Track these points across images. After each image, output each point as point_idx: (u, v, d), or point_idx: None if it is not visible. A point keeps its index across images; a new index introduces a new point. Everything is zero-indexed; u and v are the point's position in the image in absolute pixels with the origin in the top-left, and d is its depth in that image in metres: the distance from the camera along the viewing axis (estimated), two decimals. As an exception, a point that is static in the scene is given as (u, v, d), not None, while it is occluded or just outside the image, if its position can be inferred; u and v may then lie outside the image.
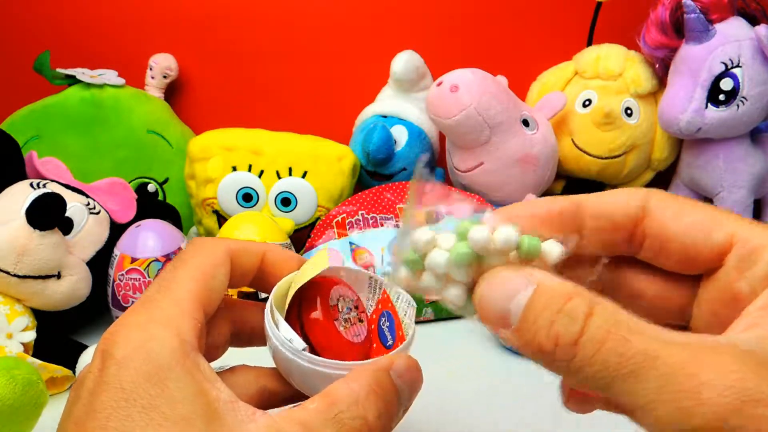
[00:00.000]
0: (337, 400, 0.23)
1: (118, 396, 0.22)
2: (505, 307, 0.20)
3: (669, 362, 0.17)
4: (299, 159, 0.63)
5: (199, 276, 0.26)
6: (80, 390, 0.24)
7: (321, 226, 0.61)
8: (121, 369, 0.23)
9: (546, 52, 0.74)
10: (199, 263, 0.27)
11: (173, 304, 0.25)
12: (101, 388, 0.22)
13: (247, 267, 0.29)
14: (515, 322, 0.20)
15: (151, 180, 0.69)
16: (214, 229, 0.65)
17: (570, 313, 0.19)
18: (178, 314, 0.25)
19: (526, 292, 0.20)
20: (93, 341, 0.49)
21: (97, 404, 0.22)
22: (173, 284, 0.26)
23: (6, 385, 0.34)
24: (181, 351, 0.23)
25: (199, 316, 0.25)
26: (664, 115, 0.63)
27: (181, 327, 0.24)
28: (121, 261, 0.53)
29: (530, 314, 0.19)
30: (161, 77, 0.73)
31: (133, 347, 0.23)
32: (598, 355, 0.18)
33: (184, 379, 0.23)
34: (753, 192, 0.64)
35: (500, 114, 0.60)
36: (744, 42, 0.59)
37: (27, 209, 0.47)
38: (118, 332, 0.24)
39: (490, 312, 0.21)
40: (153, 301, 0.25)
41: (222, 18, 0.75)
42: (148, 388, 0.22)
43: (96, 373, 0.23)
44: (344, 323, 0.28)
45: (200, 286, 0.26)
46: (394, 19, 0.75)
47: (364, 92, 0.73)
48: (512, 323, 0.20)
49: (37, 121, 0.67)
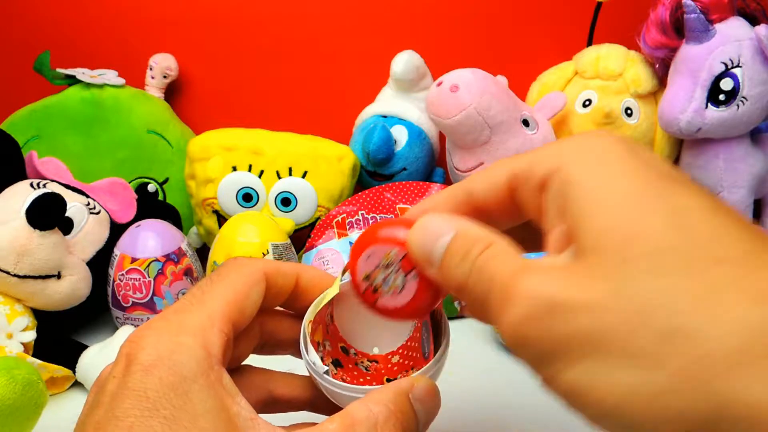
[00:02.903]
0: (356, 423, 0.23)
1: (142, 405, 0.22)
2: (429, 248, 0.24)
3: (503, 280, 0.21)
4: (299, 159, 0.63)
5: (233, 293, 0.27)
6: (102, 393, 0.24)
7: (321, 226, 0.61)
8: (147, 376, 0.23)
9: (546, 52, 0.74)
10: (234, 280, 0.27)
11: (204, 316, 0.25)
12: (124, 393, 0.22)
13: (281, 288, 0.29)
14: (437, 262, 0.23)
15: (151, 180, 0.69)
16: (214, 229, 0.65)
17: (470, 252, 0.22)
18: (208, 326, 0.25)
19: (446, 237, 0.23)
20: (93, 341, 0.49)
21: (119, 410, 0.22)
22: (207, 297, 0.26)
23: (6, 385, 0.34)
24: (206, 363, 0.23)
25: (228, 331, 0.25)
26: (664, 115, 0.63)
27: (209, 339, 0.24)
28: (121, 261, 0.53)
29: (448, 256, 0.23)
30: (161, 77, 0.73)
31: (160, 355, 0.23)
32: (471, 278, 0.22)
33: (207, 392, 0.23)
34: (753, 192, 0.64)
35: (500, 114, 0.60)
36: (744, 42, 0.59)
37: (27, 209, 0.47)
38: (146, 337, 0.24)
39: (418, 253, 0.24)
40: (184, 311, 0.26)
41: (222, 18, 0.75)
42: (171, 399, 0.22)
43: (120, 378, 0.23)
44: (387, 293, 0.27)
45: (233, 302, 0.26)
46: (394, 19, 0.75)
47: (364, 92, 0.73)
48: (435, 264, 0.23)
49: (37, 121, 0.67)
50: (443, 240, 0.23)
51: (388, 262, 0.26)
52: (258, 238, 0.54)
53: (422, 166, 0.69)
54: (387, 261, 0.26)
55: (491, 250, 0.22)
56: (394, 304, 0.26)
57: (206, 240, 0.67)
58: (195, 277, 0.55)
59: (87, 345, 0.49)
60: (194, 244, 0.68)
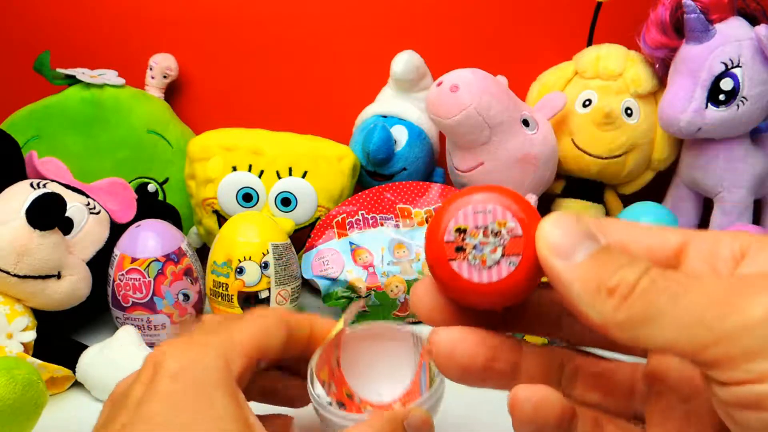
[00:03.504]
0: None
1: (169, 406, 0.24)
2: (571, 249, 0.20)
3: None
4: (299, 159, 0.63)
5: (257, 329, 0.29)
6: (125, 400, 0.26)
7: (321, 226, 0.61)
8: (174, 382, 0.25)
9: (546, 52, 0.74)
10: (258, 320, 0.30)
11: (228, 340, 0.28)
12: (151, 397, 0.25)
13: (301, 335, 0.32)
14: (578, 256, 0.20)
15: (151, 180, 0.69)
16: (214, 229, 0.65)
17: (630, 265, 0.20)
18: (230, 348, 0.27)
19: (600, 239, 0.20)
20: (93, 341, 0.49)
21: (146, 412, 0.24)
22: (233, 326, 0.29)
23: (6, 385, 0.34)
24: (227, 376, 0.26)
25: (249, 358, 0.28)
26: (664, 115, 0.63)
27: (231, 358, 0.27)
28: (121, 261, 0.53)
29: (604, 254, 0.20)
30: (161, 77, 0.73)
31: (186, 364, 0.26)
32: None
33: (228, 398, 0.25)
34: (753, 192, 0.64)
35: (500, 114, 0.60)
36: (744, 42, 0.59)
37: (27, 209, 0.47)
38: (173, 348, 0.27)
39: (554, 237, 0.21)
40: (210, 332, 0.28)
41: (222, 18, 0.75)
42: (196, 402, 0.24)
43: (147, 383, 0.25)
44: (472, 261, 0.22)
45: (257, 336, 0.29)
46: (394, 19, 0.75)
47: (364, 92, 0.73)
48: (574, 257, 0.20)
49: (37, 121, 0.67)
50: (595, 241, 0.20)
51: (497, 230, 0.21)
52: (258, 238, 0.54)
53: (422, 166, 0.69)
54: (496, 228, 0.21)
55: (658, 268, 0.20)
56: (472, 276, 0.21)
57: (206, 240, 0.67)
58: (195, 277, 0.55)
59: (87, 345, 0.49)
60: (194, 244, 0.68)
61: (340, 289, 0.57)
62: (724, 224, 0.63)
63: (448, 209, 0.22)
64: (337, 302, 0.58)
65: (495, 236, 0.21)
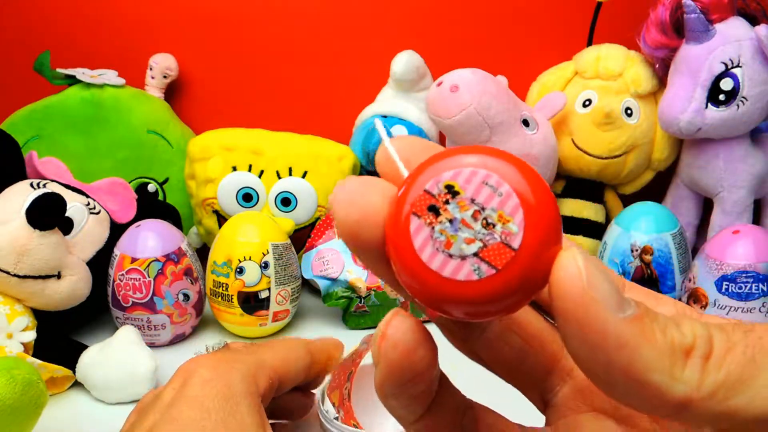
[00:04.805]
0: None
1: (198, 409, 0.26)
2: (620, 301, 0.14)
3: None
4: (299, 159, 0.63)
5: (285, 356, 0.32)
6: (156, 403, 0.28)
7: (321, 226, 0.61)
8: (205, 387, 0.27)
9: (546, 52, 0.74)
10: (288, 349, 0.33)
11: (254, 361, 0.31)
12: (182, 400, 0.27)
13: (320, 362, 0.35)
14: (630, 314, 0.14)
15: (151, 180, 0.69)
16: (214, 229, 0.65)
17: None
18: (255, 368, 0.30)
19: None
20: (93, 341, 0.49)
21: (175, 413, 0.26)
22: (260, 350, 0.32)
23: (6, 385, 0.34)
24: (253, 389, 0.28)
25: (273, 380, 0.30)
26: (664, 115, 0.63)
27: (258, 376, 0.30)
28: (121, 261, 0.53)
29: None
30: (161, 77, 0.73)
31: (216, 375, 0.28)
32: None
33: (252, 407, 0.28)
34: (753, 192, 0.64)
35: (500, 114, 0.60)
36: (744, 42, 0.59)
37: (27, 209, 0.47)
38: (204, 359, 0.29)
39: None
40: (238, 352, 0.31)
41: (222, 18, 0.75)
42: (224, 407, 0.27)
43: (178, 389, 0.28)
44: (436, 233, 0.15)
45: (282, 361, 0.32)
46: (394, 19, 0.75)
47: (364, 92, 0.73)
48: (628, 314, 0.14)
49: (37, 121, 0.67)
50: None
51: (493, 223, 0.14)
52: (258, 238, 0.54)
53: (422, 166, 0.69)
54: (493, 220, 0.14)
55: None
56: (421, 250, 0.15)
57: (206, 240, 0.67)
58: (195, 277, 0.55)
59: (87, 345, 0.49)
60: (194, 244, 0.68)
61: (340, 288, 0.57)
62: (724, 224, 0.63)
63: (457, 155, 0.15)
64: (337, 302, 0.58)
65: (485, 227, 0.14)
